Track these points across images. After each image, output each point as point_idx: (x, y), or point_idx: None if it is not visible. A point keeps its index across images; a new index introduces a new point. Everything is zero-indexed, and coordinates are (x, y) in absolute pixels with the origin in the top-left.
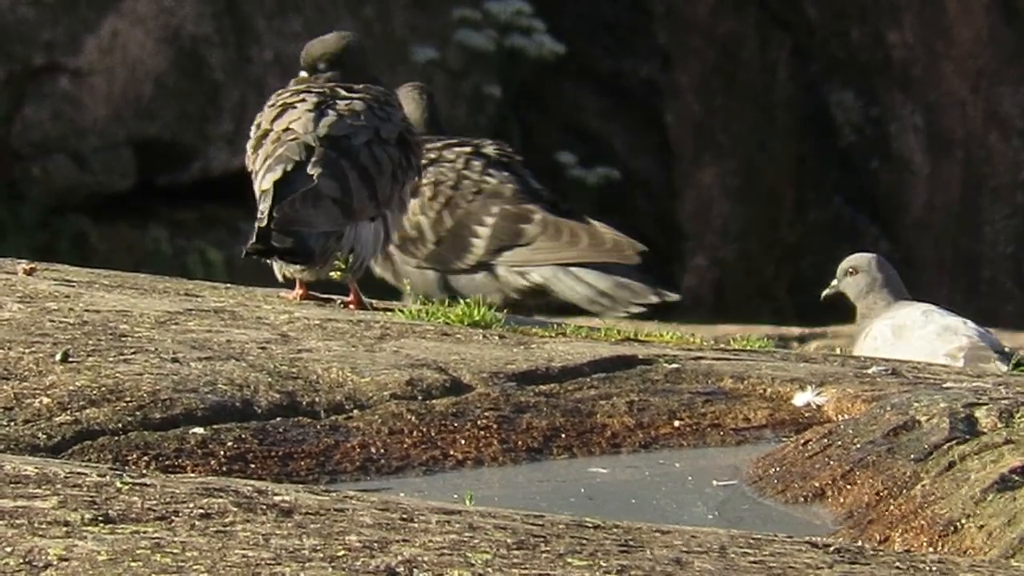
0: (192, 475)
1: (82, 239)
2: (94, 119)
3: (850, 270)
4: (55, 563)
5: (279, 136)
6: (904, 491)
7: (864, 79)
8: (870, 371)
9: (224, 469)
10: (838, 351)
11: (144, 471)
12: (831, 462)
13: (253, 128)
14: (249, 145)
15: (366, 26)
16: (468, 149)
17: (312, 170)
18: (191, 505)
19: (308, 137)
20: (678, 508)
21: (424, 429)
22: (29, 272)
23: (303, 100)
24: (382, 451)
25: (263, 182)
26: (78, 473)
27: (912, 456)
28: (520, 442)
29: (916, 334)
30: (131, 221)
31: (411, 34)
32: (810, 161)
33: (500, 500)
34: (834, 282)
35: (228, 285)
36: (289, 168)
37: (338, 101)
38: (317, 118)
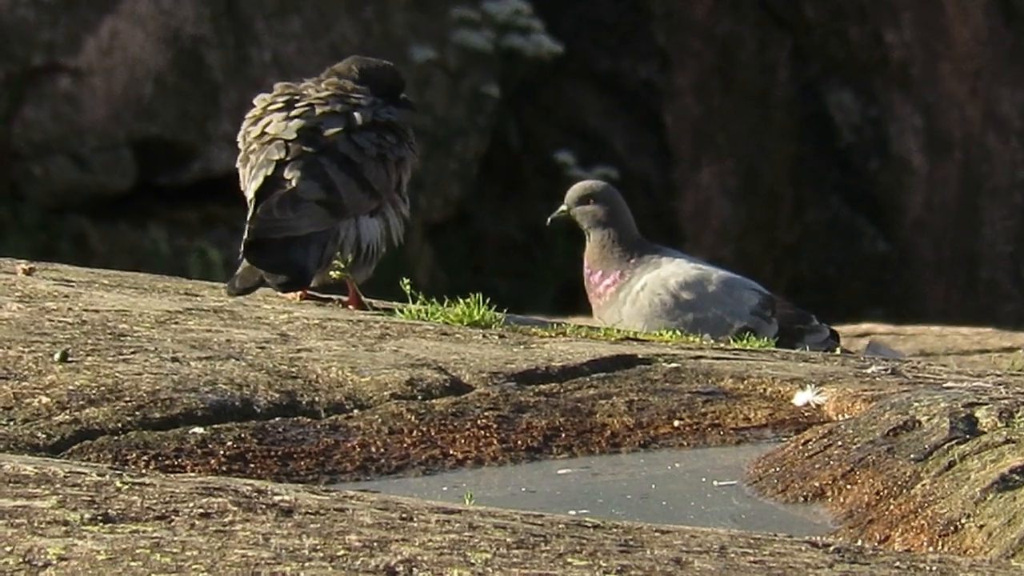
0: (192, 474)
1: (82, 239)
2: (94, 119)
3: (585, 198)
4: (54, 562)
5: (257, 140)
6: (904, 491)
7: (863, 79)
8: (870, 370)
9: (224, 469)
10: (838, 350)
11: (144, 470)
12: (831, 462)
13: (240, 139)
14: (239, 161)
15: (365, 26)
16: None
17: (289, 174)
18: (191, 504)
19: (285, 134)
20: (678, 508)
21: (424, 429)
22: (28, 272)
23: (274, 103)
24: (382, 451)
25: (248, 193)
26: (77, 472)
27: (912, 456)
28: (520, 442)
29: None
30: (131, 221)
31: (410, 34)
32: (809, 161)
33: (499, 500)
34: (563, 207)
35: None
36: (270, 172)
37: (305, 95)
38: (288, 115)
